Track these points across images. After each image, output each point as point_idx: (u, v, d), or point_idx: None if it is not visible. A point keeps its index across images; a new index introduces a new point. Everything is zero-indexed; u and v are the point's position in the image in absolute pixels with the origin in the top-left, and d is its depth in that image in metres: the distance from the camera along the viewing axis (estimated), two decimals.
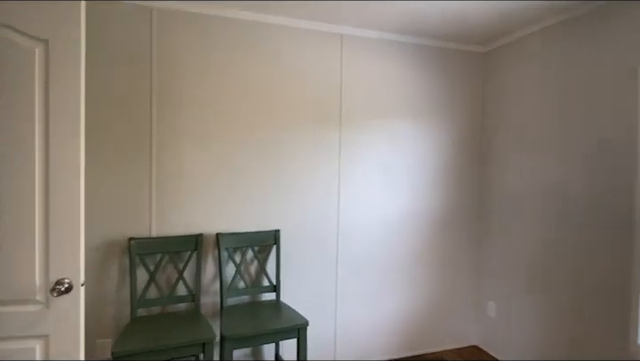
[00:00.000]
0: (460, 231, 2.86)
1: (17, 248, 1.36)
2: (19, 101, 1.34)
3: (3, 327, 1.36)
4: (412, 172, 2.71)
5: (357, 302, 2.59)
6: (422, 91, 2.71)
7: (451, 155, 2.82)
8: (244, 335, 1.80)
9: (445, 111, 2.79)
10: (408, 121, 2.68)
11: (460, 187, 2.85)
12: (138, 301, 2.01)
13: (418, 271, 2.75)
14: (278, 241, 2.31)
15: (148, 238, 2.08)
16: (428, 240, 2.77)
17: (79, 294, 1.41)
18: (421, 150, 2.73)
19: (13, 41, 1.34)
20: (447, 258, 2.83)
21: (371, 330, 2.64)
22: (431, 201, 2.77)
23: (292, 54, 2.38)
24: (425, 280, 2.78)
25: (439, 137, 2.78)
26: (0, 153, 1.33)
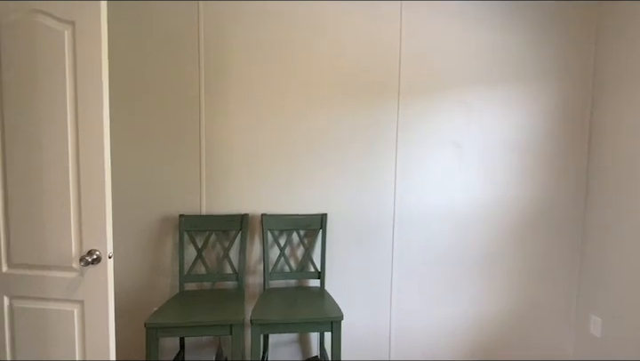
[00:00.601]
0: (556, 229, 2.29)
1: (57, 219, 1.48)
2: (52, 79, 1.44)
3: (48, 289, 1.51)
4: (491, 154, 2.24)
5: (417, 300, 2.29)
6: (508, 54, 2.20)
7: (545, 133, 2.24)
8: (271, 321, 1.71)
9: (539, 79, 2.22)
10: (487, 91, 2.21)
11: (557, 173, 2.26)
12: (185, 276, 2.09)
13: (495, 273, 2.30)
14: (324, 226, 2.15)
15: (197, 216, 2.14)
16: (510, 237, 2.28)
17: (106, 266, 1.47)
18: (504, 127, 2.23)
19: (46, 25, 1.42)
20: (536, 260, 2.30)
21: (433, 331, 2.31)
22: (515, 189, 2.26)
23: (342, 25, 2.14)
24: (505, 283, 2.31)
25: (529, 110, 2.23)
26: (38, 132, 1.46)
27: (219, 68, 2.13)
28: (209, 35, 2.11)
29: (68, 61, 1.43)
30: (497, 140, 2.23)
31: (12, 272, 1.53)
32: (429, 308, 2.30)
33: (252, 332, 1.71)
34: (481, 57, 2.19)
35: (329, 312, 1.78)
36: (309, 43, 2.15)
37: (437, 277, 2.29)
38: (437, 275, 2.28)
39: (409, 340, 2.31)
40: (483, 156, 2.23)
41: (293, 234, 2.19)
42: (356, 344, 2.30)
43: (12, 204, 1.51)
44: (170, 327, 1.69)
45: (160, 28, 2.10)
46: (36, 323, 1.54)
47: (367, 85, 2.18)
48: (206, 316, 1.75)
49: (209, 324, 1.71)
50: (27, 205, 1.50)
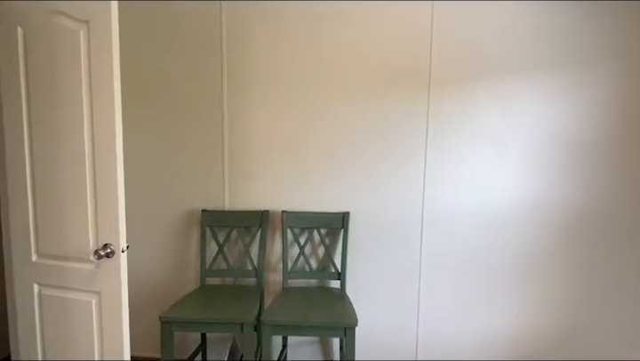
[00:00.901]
0: (612, 235, 1.98)
1: (75, 214, 1.54)
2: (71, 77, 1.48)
3: (69, 279, 1.59)
4: (535, 149, 1.98)
5: (447, 307, 2.11)
6: (554, 36, 1.92)
7: (601, 125, 1.94)
8: (283, 323, 1.66)
9: (592, 63, 1.91)
10: (530, 78, 1.95)
11: (615, 171, 1.95)
12: (206, 270, 2.11)
13: (537, 283, 2.05)
14: (346, 225, 2.05)
15: (218, 211, 2.14)
16: (556, 244, 2.02)
17: (119, 259, 1.51)
18: (551, 119, 1.96)
19: (64, 25, 1.46)
20: (587, 270, 2.01)
21: (464, 341, 2.12)
22: (564, 190, 1.98)
23: (367, 13, 2.00)
24: (548, 295, 2.05)
25: (582, 100, 1.93)
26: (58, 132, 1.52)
27: (240, 64, 2.10)
28: (231, 31, 2.09)
29: (83, 59, 1.46)
30: (542, 133, 1.96)
31: (41, 261, 1.63)
32: (461, 317, 2.11)
33: (263, 333, 1.67)
34: (523, 41, 1.93)
35: (343, 318, 1.69)
36: (332, 34, 2.04)
37: (470, 284, 2.09)
38: (470, 281, 2.09)
39: (437, 350, 2.15)
40: (525, 152, 1.98)
41: (314, 232, 2.12)
42: (381, 349, 2.18)
43: (38, 198, 1.60)
44: (183, 322, 1.70)
45: (184, 25, 2.11)
46: (60, 310, 1.62)
47: (394, 76, 2.03)
48: (220, 312, 1.74)
49: (221, 322, 1.70)
50: (51, 201, 1.58)
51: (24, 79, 1.55)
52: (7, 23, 1.54)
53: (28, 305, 1.67)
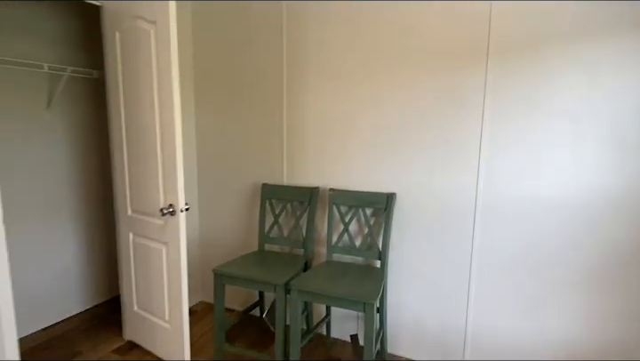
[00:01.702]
0: None
1: (151, 179, 1.94)
2: (146, 69, 1.85)
3: (149, 230, 2.01)
4: (621, 129, 1.58)
5: (503, 301, 1.90)
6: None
7: None
8: (308, 290, 1.77)
9: None
10: (616, 41, 1.55)
11: None
12: (264, 237, 2.36)
13: (618, 283, 1.66)
14: (390, 205, 2.02)
15: (276, 185, 2.36)
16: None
17: (179, 217, 1.84)
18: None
19: (142, 27, 1.82)
20: None
21: (520, 343, 1.89)
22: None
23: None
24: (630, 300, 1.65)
25: None
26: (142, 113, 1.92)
27: (298, 54, 2.22)
28: (290, 25, 2.22)
29: (153, 51, 1.80)
30: (629, 109, 1.55)
31: (133, 215, 2.11)
32: (517, 316, 1.87)
33: (292, 297, 1.82)
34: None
35: (364, 293, 1.71)
36: (381, 22, 1.97)
37: (530, 280, 1.82)
38: (530, 277, 1.82)
39: (489, 347, 1.96)
40: (608, 133, 1.60)
41: (360, 211, 2.15)
42: (425, 338, 2.10)
43: (130, 167, 2.05)
44: (230, 276, 1.98)
45: (253, 21, 2.34)
46: (145, 254, 2.07)
47: (446, 46, 1.86)
48: (260, 273, 1.95)
49: (259, 280, 1.91)
50: (136, 169, 2.01)
51: (120, 69, 1.99)
52: (110, 30, 2.00)
53: (125, 249, 2.18)
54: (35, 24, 2.24)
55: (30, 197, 2.30)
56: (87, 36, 2.52)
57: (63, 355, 2.16)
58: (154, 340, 2.12)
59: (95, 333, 2.39)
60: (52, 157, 2.40)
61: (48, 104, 2.34)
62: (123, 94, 2.01)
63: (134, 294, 2.19)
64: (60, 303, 2.52)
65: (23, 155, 2.24)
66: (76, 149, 2.53)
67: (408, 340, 2.15)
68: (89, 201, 2.64)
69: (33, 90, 2.26)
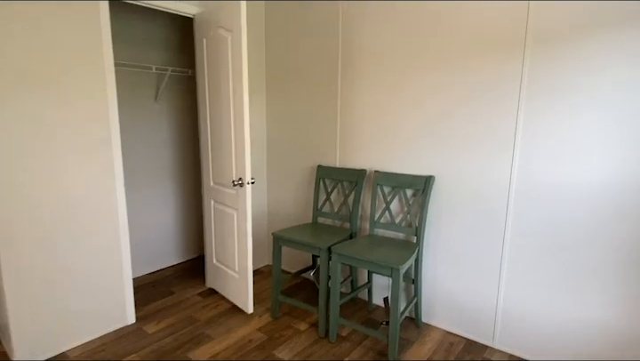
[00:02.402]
0: None
1: (227, 157, 2.41)
2: (225, 68, 2.30)
3: (225, 198, 2.50)
4: None
5: (536, 286, 1.98)
6: None
7: None
8: (344, 254, 2.08)
9: None
10: None
11: None
12: (317, 211, 2.72)
13: None
14: (428, 187, 2.21)
15: (329, 167, 2.69)
16: None
17: (246, 189, 2.29)
18: None
19: (222, 35, 2.27)
20: None
21: (551, 329, 1.96)
22: None
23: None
24: None
25: None
26: (221, 103, 2.39)
27: (351, 50, 2.50)
28: (346, 23, 2.49)
29: (229, 54, 2.24)
30: None
31: (214, 186, 2.63)
32: (549, 299, 1.94)
33: (332, 259, 2.15)
34: None
35: (392, 260, 1.96)
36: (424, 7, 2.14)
37: (567, 266, 1.87)
38: (567, 263, 1.87)
39: (519, 331, 2.06)
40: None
41: (401, 192, 2.37)
42: (457, 315, 2.27)
43: (212, 146, 2.56)
44: (285, 240, 2.38)
45: (313, 20, 2.67)
46: (221, 218, 2.58)
47: (484, 34, 1.97)
48: (309, 238, 2.32)
49: (307, 244, 2.27)
50: (217, 148, 2.51)
51: (206, 68, 2.49)
52: (199, 37, 2.50)
53: (208, 213, 2.72)
54: (146, 34, 2.86)
55: (142, 169, 2.98)
56: (184, 41, 3.11)
57: (162, 292, 2.81)
58: (227, 288, 2.64)
59: (185, 280, 3.02)
60: (159, 138, 3.05)
61: (155, 97, 2.98)
62: (208, 89, 2.51)
63: (214, 250, 2.73)
64: (163, 255, 3.22)
65: (138, 136, 2.92)
66: (175, 132, 3.16)
67: (442, 312, 2.34)
68: (185, 173, 3.29)
69: (145, 86, 2.91)
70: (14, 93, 1.77)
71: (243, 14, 2.10)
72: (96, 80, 2.04)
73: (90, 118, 2.04)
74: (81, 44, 1.96)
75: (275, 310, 2.46)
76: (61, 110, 1.94)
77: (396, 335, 1.97)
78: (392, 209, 2.43)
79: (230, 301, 2.65)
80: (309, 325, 2.38)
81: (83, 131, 2.03)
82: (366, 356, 2.07)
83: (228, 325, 2.36)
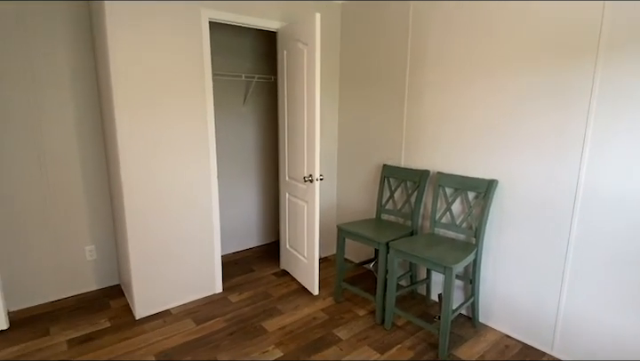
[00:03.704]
0: None
1: (300, 155, 2.72)
2: (300, 76, 2.59)
3: (297, 191, 2.83)
4: None
5: (600, 298, 1.93)
6: None
7: None
8: (401, 250, 2.23)
9: None
10: None
11: None
12: (380, 208, 2.90)
13: None
14: (490, 191, 2.25)
15: (393, 166, 2.84)
16: None
17: (315, 184, 2.58)
18: None
19: (299, 48, 2.57)
20: None
21: (614, 347, 1.89)
22: None
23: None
24: None
25: None
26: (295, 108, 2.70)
27: (419, 53, 2.60)
28: (415, 25, 2.60)
29: (305, 63, 2.52)
30: None
31: (289, 181, 2.96)
32: (615, 312, 1.87)
33: (389, 253, 2.32)
34: None
35: (446, 259, 2.06)
36: (491, 6, 2.16)
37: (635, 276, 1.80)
38: (631, 282, 1.79)
39: (579, 341, 2.01)
40: None
41: (463, 193, 2.43)
42: (515, 319, 2.27)
43: (288, 145, 2.89)
44: (349, 233, 2.61)
45: (384, 20, 2.82)
46: (294, 209, 2.92)
47: (552, 31, 1.93)
48: (370, 233, 2.52)
49: (368, 238, 2.48)
50: (292, 147, 2.83)
51: (285, 76, 2.81)
52: (280, 48, 2.83)
53: (283, 204, 3.08)
54: (238, 46, 3.30)
55: (231, 163, 3.47)
56: (268, 51, 3.50)
57: (244, 269, 3.27)
58: (297, 270, 2.98)
59: (263, 261, 3.44)
60: (245, 137, 3.50)
61: (244, 101, 3.42)
62: (286, 95, 2.83)
63: (287, 236, 3.08)
64: (244, 238, 3.70)
65: (229, 134, 3.39)
66: (258, 131, 3.59)
67: (500, 314, 2.36)
68: (266, 167, 3.71)
69: (235, 92, 3.36)
70: (147, 104, 2.28)
71: (317, 30, 2.35)
72: (199, 90, 2.49)
73: (194, 120, 2.50)
74: (189, 61, 2.41)
75: (337, 295, 2.72)
76: (180, 118, 2.42)
77: (446, 330, 2.08)
78: (453, 210, 2.50)
79: (299, 283, 2.98)
80: (368, 312, 2.59)
81: (189, 131, 2.49)
82: (418, 347, 2.22)
83: (295, 303, 2.69)
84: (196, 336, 2.30)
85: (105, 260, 2.88)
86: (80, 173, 2.66)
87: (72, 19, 2.47)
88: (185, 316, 2.52)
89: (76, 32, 2.50)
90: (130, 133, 2.26)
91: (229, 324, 2.43)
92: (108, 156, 2.60)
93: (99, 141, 2.71)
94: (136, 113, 2.26)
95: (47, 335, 2.29)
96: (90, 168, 2.70)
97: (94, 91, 2.63)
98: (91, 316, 2.51)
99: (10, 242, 2.49)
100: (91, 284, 2.86)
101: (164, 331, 2.35)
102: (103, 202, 2.79)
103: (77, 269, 2.78)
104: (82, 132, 2.62)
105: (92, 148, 2.69)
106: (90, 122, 2.65)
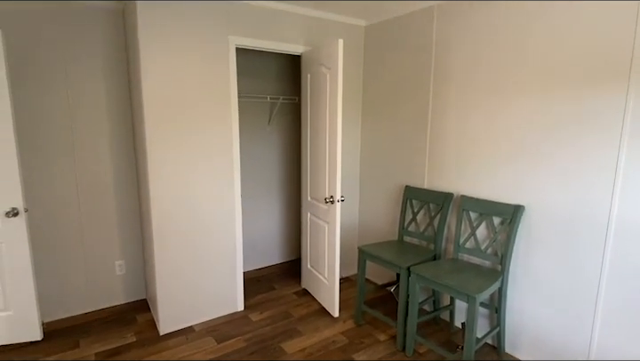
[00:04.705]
0: None
1: (321, 177, 2.75)
2: (323, 100, 2.64)
3: (319, 212, 2.85)
4: None
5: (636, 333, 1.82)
6: None
7: None
8: (423, 275, 2.19)
9: None
10: None
11: None
12: (402, 230, 2.86)
13: None
14: (517, 217, 2.18)
15: (416, 188, 2.81)
16: None
17: (336, 206, 2.59)
18: None
19: (322, 72, 2.62)
20: None
21: None
22: None
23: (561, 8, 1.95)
24: None
25: None
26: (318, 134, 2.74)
27: (443, 71, 2.59)
28: (439, 44, 2.60)
29: (328, 87, 2.57)
30: None
31: (311, 201, 2.99)
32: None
33: (410, 278, 2.29)
34: None
35: (470, 287, 2.00)
36: (520, 28, 2.13)
37: None
38: None
39: None
40: None
41: (487, 218, 2.37)
42: (543, 351, 2.17)
43: (310, 166, 2.93)
44: (370, 255, 2.59)
45: (407, 38, 2.83)
46: (315, 228, 2.93)
47: (582, 54, 1.88)
48: (391, 256, 2.49)
49: (389, 261, 2.45)
50: (314, 167, 2.86)
51: (309, 98, 2.87)
52: (304, 71, 2.90)
53: (305, 223, 3.11)
54: (264, 68, 3.40)
55: (256, 179, 3.54)
56: (293, 73, 3.59)
57: (266, 286, 3.30)
58: (318, 291, 2.98)
59: (284, 279, 3.46)
60: (270, 155, 3.58)
61: (269, 121, 3.51)
62: (309, 117, 2.89)
63: (308, 256, 3.10)
64: (267, 255, 3.75)
65: (254, 152, 3.48)
66: (282, 150, 3.66)
67: (527, 344, 2.26)
68: (289, 186, 3.76)
69: (261, 112, 3.46)
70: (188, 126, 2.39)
71: (340, 55, 2.40)
72: (225, 113, 2.58)
73: (220, 142, 2.59)
74: (216, 86, 2.52)
75: (358, 318, 2.69)
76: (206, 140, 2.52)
77: None
78: (478, 235, 2.44)
79: (320, 303, 2.97)
80: (389, 337, 2.54)
81: (214, 152, 2.58)
82: None
83: (316, 325, 2.68)
84: (217, 355, 2.33)
85: (133, 275, 2.99)
86: (112, 191, 2.80)
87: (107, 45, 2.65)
88: (207, 333, 2.57)
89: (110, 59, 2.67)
90: (158, 156, 2.37)
91: (249, 344, 2.45)
92: (139, 176, 2.72)
93: (131, 161, 2.85)
94: (164, 135, 2.37)
95: (77, 347, 2.39)
96: (122, 186, 2.83)
97: (128, 113, 2.78)
98: (118, 329, 2.60)
99: (48, 257, 2.63)
100: (119, 297, 2.97)
101: (187, 348, 2.40)
102: (133, 219, 2.92)
103: (107, 283, 2.90)
104: (115, 154, 2.77)
105: (125, 167, 2.83)
106: (123, 144, 2.79)
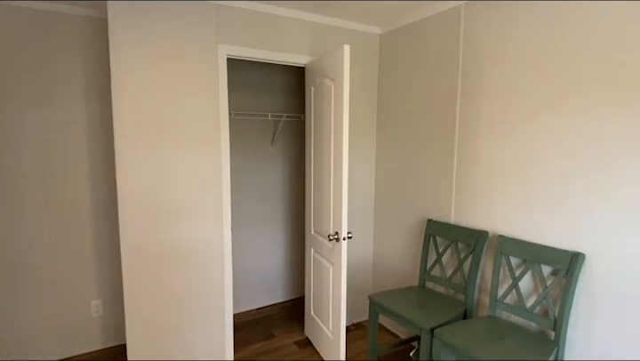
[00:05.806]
0: None
1: (326, 210, 2.30)
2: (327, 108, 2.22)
3: (322, 249, 2.39)
4: None
5: None
6: None
7: None
8: (450, 343, 1.68)
9: None
10: None
11: None
12: (424, 274, 2.35)
13: None
14: (574, 267, 1.65)
15: (440, 222, 2.31)
16: None
17: (341, 244, 2.14)
18: None
19: (327, 83, 2.23)
20: None
21: None
22: None
23: None
24: None
25: None
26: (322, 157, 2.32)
27: (471, 86, 2.13)
28: (468, 46, 2.16)
29: (332, 100, 2.15)
30: None
31: (314, 235, 2.54)
32: None
33: (434, 347, 1.77)
34: None
35: None
36: (566, 41, 1.66)
37: None
38: None
39: None
40: None
41: (535, 266, 1.84)
42: None
43: (314, 195, 2.49)
44: (382, 307, 2.10)
45: (429, 47, 2.40)
46: (319, 268, 2.47)
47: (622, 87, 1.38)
48: (411, 312, 1.99)
49: (407, 319, 1.95)
50: (319, 196, 2.42)
51: (313, 113, 2.46)
52: (308, 84, 2.51)
53: (308, 261, 2.64)
54: (265, 82, 3.05)
55: (257, 206, 3.13)
56: (298, 86, 3.21)
57: (264, 333, 2.83)
58: (321, 344, 2.49)
59: (286, 323, 2.99)
60: (273, 179, 3.18)
61: (272, 141, 3.13)
62: (313, 137, 2.47)
63: (312, 300, 2.62)
64: (270, 292, 3.29)
65: (255, 176, 3.09)
66: (288, 173, 3.25)
67: None
68: (295, 213, 3.33)
69: (263, 131, 3.08)
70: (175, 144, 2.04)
71: (346, 64, 1.99)
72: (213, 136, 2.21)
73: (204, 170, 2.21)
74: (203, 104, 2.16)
75: None
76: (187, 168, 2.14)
77: None
78: (521, 287, 1.91)
79: (323, 359, 2.48)
80: None
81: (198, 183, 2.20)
82: None
83: None
84: None
85: (112, 317, 2.61)
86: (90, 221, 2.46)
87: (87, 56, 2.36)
88: None
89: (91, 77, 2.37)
90: (128, 183, 2.00)
91: None
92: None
93: (111, 188, 2.51)
94: (135, 158, 2.01)
95: None
96: (100, 216, 2.49)
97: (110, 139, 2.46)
98: None
99: (10, 294, 2.29)
100: (96, 342, 2.59)
101: None
102: (112, 253, 2.56)
103: (82, 326, 2.52)
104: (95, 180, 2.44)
105: (103, 196, 2.49)
106: (104, 168, 2.46)
